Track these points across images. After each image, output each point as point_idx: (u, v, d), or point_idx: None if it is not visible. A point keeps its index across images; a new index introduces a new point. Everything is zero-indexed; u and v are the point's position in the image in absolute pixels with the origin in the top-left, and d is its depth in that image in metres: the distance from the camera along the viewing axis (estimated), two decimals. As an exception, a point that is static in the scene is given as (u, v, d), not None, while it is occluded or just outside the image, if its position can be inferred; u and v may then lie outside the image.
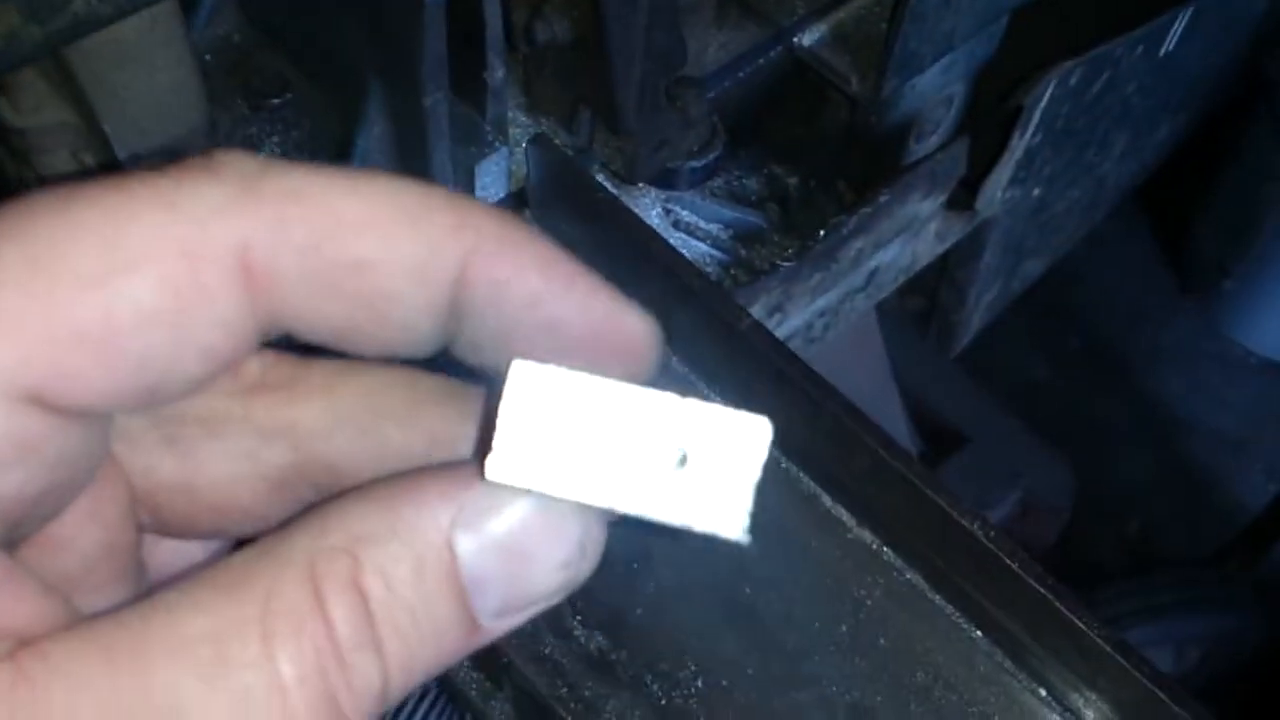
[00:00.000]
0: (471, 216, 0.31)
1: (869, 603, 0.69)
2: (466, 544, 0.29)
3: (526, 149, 0.78)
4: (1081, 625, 0.62)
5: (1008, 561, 0.64)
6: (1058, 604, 0.63)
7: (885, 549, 0.71)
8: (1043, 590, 0.63)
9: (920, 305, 1.33)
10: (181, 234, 0.28)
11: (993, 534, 0.65)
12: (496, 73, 0.74)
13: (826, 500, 0.73)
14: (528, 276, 0.32)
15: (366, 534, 0.29)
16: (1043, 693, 0.66)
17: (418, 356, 0.33)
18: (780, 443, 0.74)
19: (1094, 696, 0.64)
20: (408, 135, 0.75)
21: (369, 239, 0.30)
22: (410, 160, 0.77)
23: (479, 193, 0.78)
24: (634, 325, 0.34)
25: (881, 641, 0.68)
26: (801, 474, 0.74)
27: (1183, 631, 1.79)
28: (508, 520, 0.30)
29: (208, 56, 0.81)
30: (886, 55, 0.87)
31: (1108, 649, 0.62)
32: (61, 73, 0.50)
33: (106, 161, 0.55)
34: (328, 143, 0.79)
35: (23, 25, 0.43)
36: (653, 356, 0.34)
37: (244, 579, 0.27)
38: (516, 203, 0.81)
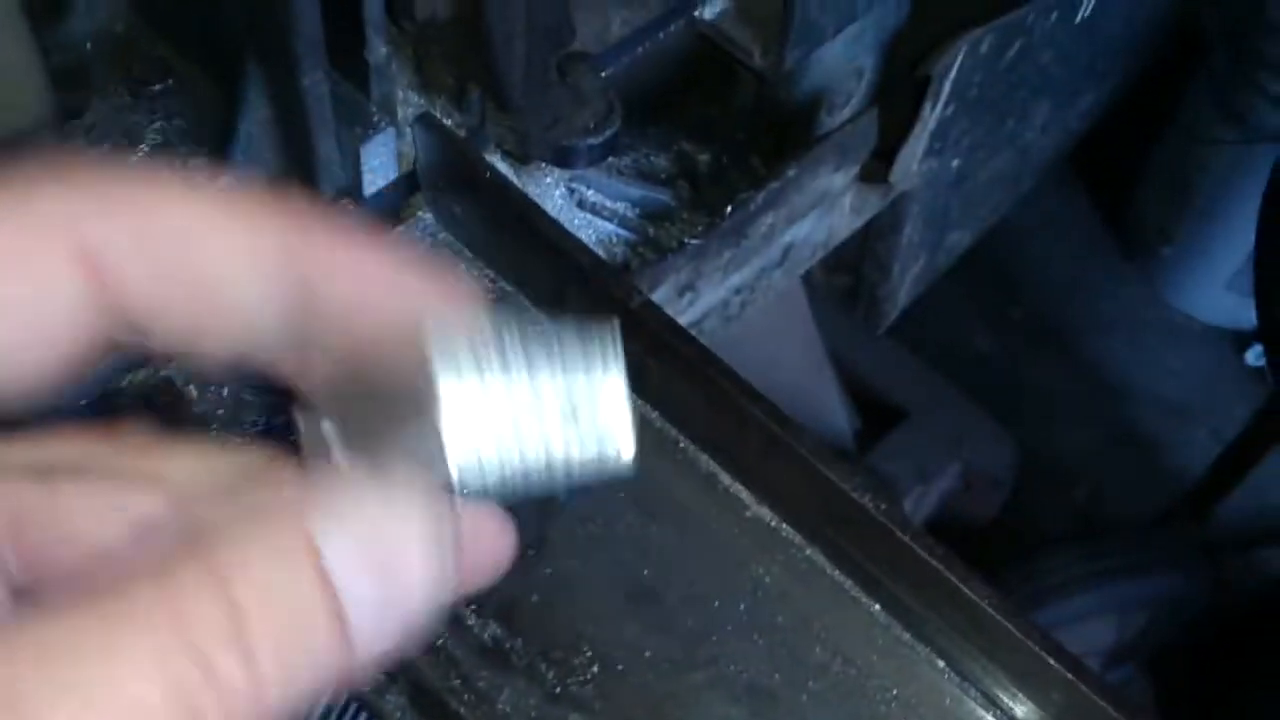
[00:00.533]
0: (290, 203, 0.33)
1: (767, 580, 0.69)
2: (331, 542, 0.29)
3: (413, 129, 0.76)
4: (972, 595, 0.61)
5: (899, 534, 0.64)
6: (949, 574, 0.62)
7: (784, 526, 0.70)
8: (934, 562, 0.63)
9: (847, 282, 1.32)
10: (20, 226, 0.30)
11: (884, 507, 0.64)
12: (378, 50, 0.72)
13: (725, 479, 0.72)
14: (347, 264, 0.33)
15: (231, 536, 0.28)
16: (941, 664, 0.66)
17: (268, 354, 0.34)
18: (679, 423, 0.74)
19: (991, 666, 0.64)
20: (291, 118, 0.73)
21: (197, 224, 0.32)
22: (295, 144, 0.76)
23: (367, 175, 0.76)
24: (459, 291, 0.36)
25: (780, 619, 0.67)
26: (700, 453, 0.73)
27: (1127, 596, 1.79)
28: (368, 512, 0.30)
29: (88, 45, 0.79)
30: (786, 25, 0.86)
31: (1000, 619, 0.61)
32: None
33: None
34: (211, 129, 0.77)
35: None
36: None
37: (102, 596, 0.27)
38: (409, 185, 0.80)
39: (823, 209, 1.03)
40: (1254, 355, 2.24)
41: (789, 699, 0.65)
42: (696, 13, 0.92)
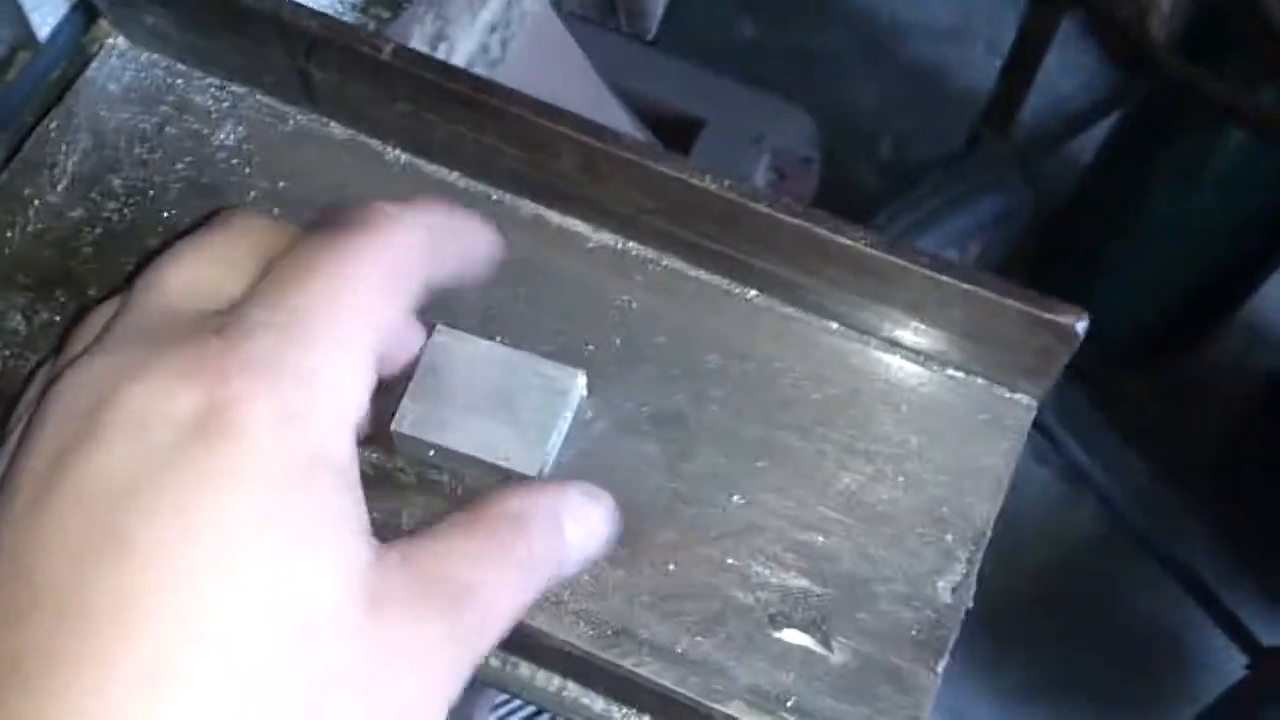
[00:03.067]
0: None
1: (634, 305, 0.63)
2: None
3: (64, -58, 0.64)
4: (847, 241, 0.57)
5: (753, 205, 0.58)
6: (818, 229, 0.57)
7: (631, 244, 0.64)
8: (799, 221, 0.57)
9: (600, -6, 1.23)
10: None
11: (727, 183, 0.58)
12: None
13: (553, 216, 0.65)
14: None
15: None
16: (834, 325, 0.62)
17: None
18: (480, 173, 0.66)
19: (883, 308, 0.60)
20: (-91, -27, 0.60)
21: None
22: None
23: (34, 15, 0.64)
24: None
25: (661, 339, 0.62)
26: (516, 199, 0.65)
27: (958, 228, 1.81)
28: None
29: None
30: None
31: (881, 255, 0.57)
32: None
33: None
34: None
35: None
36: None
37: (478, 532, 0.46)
38: (87, 13, 0.68)
39: (552, -87, 0.94)
40: (1007, -43, 2.23)
41: (697, 416, 0.60)
42: None
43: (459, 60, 0.88)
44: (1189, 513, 1.91)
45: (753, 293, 0.63)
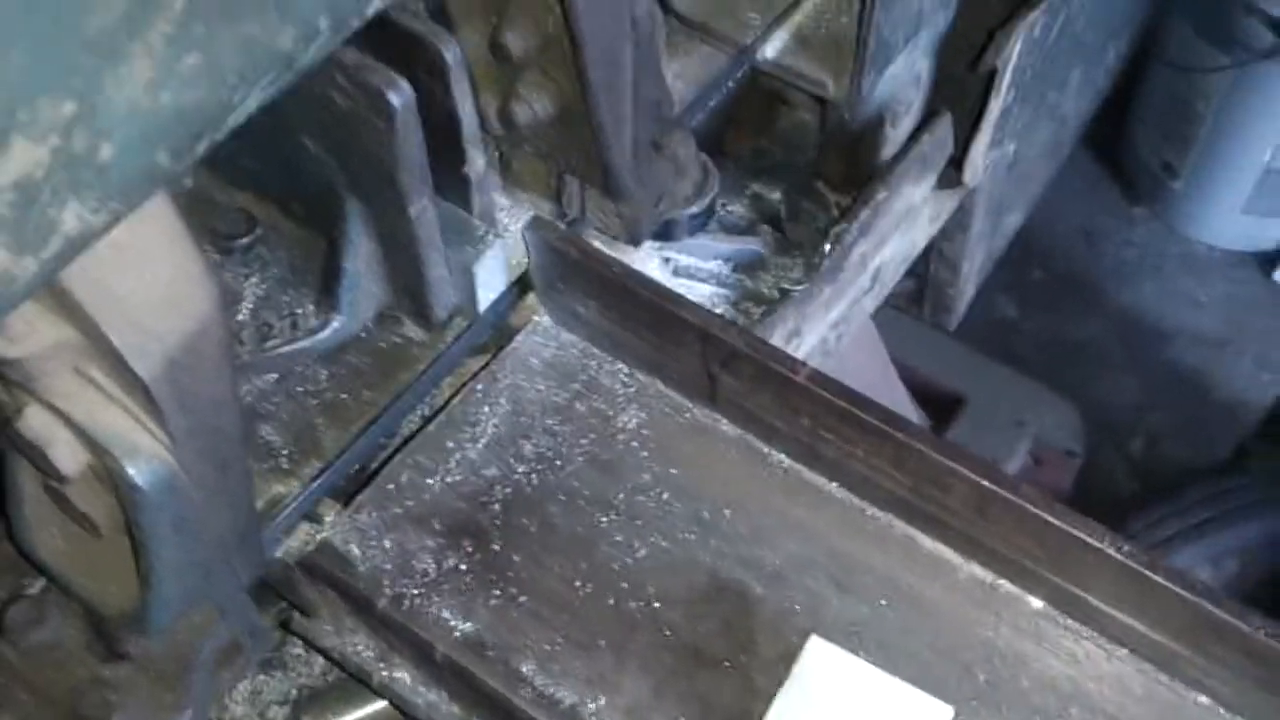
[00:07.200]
0: None
1: (999, 644, 0.65)
2: None
3: (524, 234, 0.72)
4: (1246, 629, 0.58)
5: (1150, 574, 0.60)
6: (1216, 610, 0.58)
7: (1002, 582, 0.66)
8: (1200, 600, 0.59)
9: (910, 287, 1.29)
10: None
11: (1125, 549, 0.60)
12: (478, 164, 0.68)
13: (926, 542, 0.68)
14: None
15: None
16: (1205, 700, 0.62)
17: None
18: (861, 490, 0.70)
19: (1267, 695, 0.60)
20: (397, 249, 0.69)
21: None
22: (403, 273, 0.71)
23: (481, 291, 0.72)
24: None
25: (1025, 684, 0.63)
26: (892, 518, 0.69)
27: (1221, 546, 1.76)
28: None
29: (154, 204, 0.74)
30: (861, 51, 0.83)
31: (1269, 642, 0.57)
32: (50, 289, 0.45)
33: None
34: (309, 274, 0.72)
35: (14, 261, 0.37)
36: None
37: None
38: (520, 290, 0.75)
39: (906, 225, 1.00)
40: (1283, 274, 2.23)
41: (1058, 768, 0.61)
42: (758, 54, 0.88)
43: (805, 350, 0.93)
44: None
45: (1126, 654, 0.64)
